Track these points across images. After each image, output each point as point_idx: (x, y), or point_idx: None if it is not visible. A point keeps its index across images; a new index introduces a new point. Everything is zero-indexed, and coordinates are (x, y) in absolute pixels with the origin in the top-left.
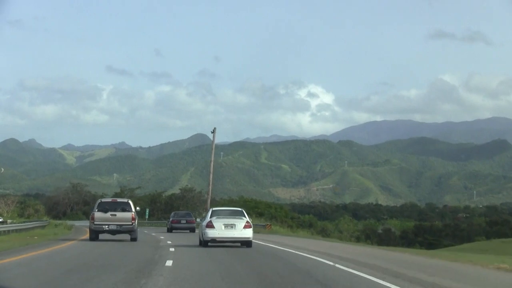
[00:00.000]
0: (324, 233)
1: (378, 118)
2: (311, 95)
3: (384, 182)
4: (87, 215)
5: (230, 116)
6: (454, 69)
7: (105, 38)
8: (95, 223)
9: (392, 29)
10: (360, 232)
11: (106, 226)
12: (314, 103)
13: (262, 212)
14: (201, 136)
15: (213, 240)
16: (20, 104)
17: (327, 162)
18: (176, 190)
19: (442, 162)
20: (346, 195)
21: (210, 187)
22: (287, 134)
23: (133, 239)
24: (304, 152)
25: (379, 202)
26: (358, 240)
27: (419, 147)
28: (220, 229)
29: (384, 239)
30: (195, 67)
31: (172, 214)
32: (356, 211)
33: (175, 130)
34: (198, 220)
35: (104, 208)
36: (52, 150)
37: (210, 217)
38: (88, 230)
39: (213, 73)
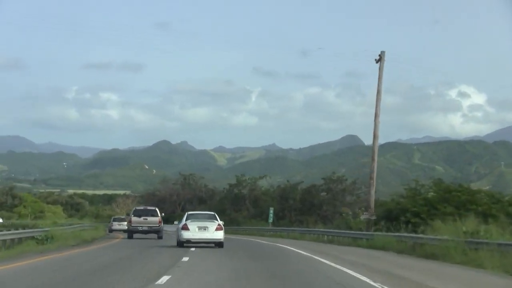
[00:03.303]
0: None
1: None
2: (461, 95)
3: None
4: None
5: (380, 117)
6: None
7: (251, 40)
8: (132, 225)
9: None
10: None
11: (140, 227)
12: (465, 103)
13: (487, 212)
14: (352, 138)
15: (188, 241)
16: (171, 107)
17: (482, 163)
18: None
19: None
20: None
21: (375, 165)
22: (439, 135)
23: (160, 238)
24: (458, 153)
25: None
26: None
27: None
28: (194, 231)
29: None
30: (342, 68)
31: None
32: None
33: (325, 132)
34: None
35: (138, 213)
36: (204, 152)
37: (186, 220)
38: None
39: (361, 73)
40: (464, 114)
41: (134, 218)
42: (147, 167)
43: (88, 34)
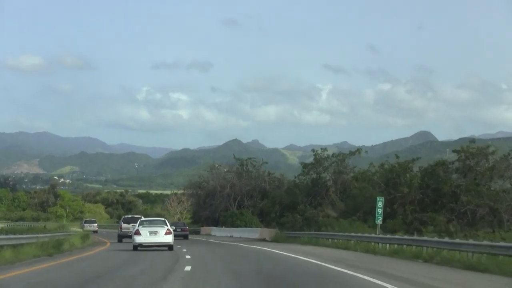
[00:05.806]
0: None
1: None
2: None
3: None
4: (264, 215)
5: (452, 113)
6: None
7: (319, 36)
8: (122, 230)
9: None
10: None
11: (129, 233)
12: None
13: None
14: (424, 134)
15: (140, 245)
16: (241, 105)
17: None
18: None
19: None
20: None
21: None
22: None
23: None
24: None
25: None
26: None
27: None
28: (146, 236)
29: None
30: (412, 63)
31: None
32: None
33: (397, 128)
34: None
35: (127, 221)
36: (275, 150)
37: (138, 226)
38: None
39: (431, 69)
40: None
41: (124, 225)
42: (217, 166)
43: (156, 33)
